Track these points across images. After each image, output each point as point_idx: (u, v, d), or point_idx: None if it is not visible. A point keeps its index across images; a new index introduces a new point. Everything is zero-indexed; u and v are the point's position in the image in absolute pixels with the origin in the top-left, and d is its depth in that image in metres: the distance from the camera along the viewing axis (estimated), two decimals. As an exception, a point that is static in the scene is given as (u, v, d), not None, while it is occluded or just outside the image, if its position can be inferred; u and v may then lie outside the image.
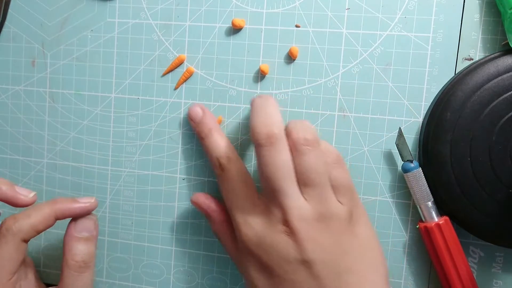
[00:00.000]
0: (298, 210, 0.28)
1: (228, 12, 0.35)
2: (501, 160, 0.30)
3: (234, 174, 0.31)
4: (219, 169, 0.32)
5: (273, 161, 0.28)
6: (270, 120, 0.29)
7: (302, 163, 0.29)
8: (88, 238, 0.33)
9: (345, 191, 0.30)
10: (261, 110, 0.30)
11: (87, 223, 0.33)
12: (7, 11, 0.38)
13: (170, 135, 0.37)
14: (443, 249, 0.31)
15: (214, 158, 0.32)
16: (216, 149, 0.32)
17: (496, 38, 0.32)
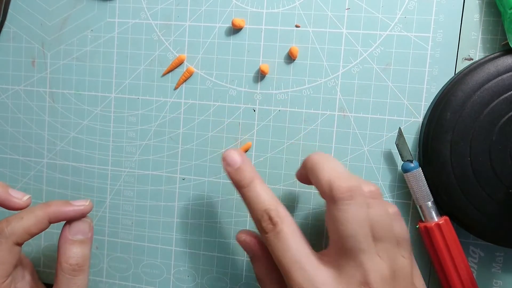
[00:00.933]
0: (378, 271, 0.26)
1: (228, 12, 0.35)
2: (501, 160, 0.30)
3: (289, 230, 0.28)
4: (269, 224, 0.28)
5: (355, 216, 0.26)
6: (345, 173, 0.27)
7: (374, 217, 0.26)
8: (83, 241, 0.33)
9: (406, 245, 0.28)
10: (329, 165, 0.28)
11: (81, 225, 0.33)
12: (7, 11, 0.38)
13: (170, 135, 0.37)
14: (443, 249, 0.31)
15: (261, 211, 0.28)
16: (264, 201, 0.29)
17: (496, 38, 0.32)
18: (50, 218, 0.32)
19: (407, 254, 0.28)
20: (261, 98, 0.35)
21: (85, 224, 0.33)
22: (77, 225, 0.33)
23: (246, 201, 0.30)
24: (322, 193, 0.28)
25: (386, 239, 0.27)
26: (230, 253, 0.37)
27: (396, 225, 0.28)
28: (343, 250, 0.26)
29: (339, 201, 0.26)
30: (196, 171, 0.36)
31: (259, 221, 0.29)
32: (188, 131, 0.36)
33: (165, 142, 0.37)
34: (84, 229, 0.33)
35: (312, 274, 0.26)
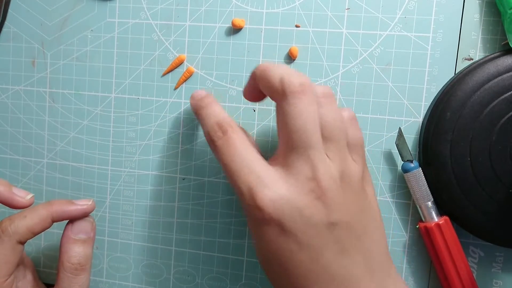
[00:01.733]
0: (326, 167, 0.26)
1: (228, 12, 0.35)
2: (501, 160, 0.30)
3: (238, 136, 0.28)
4: (219, 132, 0.28)
5: (305, 112, 0.25)
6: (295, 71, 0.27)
7: (324, 116, 0.26)
8: (85, 240, 0.33)
9: (358, 149, 0.28)
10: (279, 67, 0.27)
11: (84, 225, 0.33)
12: (7, 11, 0.38)
13: (170, 135, 0.37)
14: (443, 249, 0.31)
15: (213, 123, 0.29)
16: (217, 115, 0.29)
17: (496, 38, 0.32)
18: (53, 217, 0.32)
19: (359, 159, 0.28)
20: (261, 98, 0.35)
21: (87, 223, 0.33)
22: (80, 225, 0.33)
23: (201, 119, 0.30)
24: (273, 92, 0.27)
25: (336, 139, 0.26)
26: (230, 253, 0.37)
27: (351, 129, 0.28)
28: (291, 147, 0.26)
29: (290, 95, 0.26)
30: (196, 171, 0.36)
31: (210, 132, 0.29)
32: (188, 131, 0.36)
33: (165, 142, 0.37)
34: (87, 229, 0.33)
35: (261, 174, 0.26)
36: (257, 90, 0.30)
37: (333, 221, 0.26)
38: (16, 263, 0.31)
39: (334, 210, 0.26)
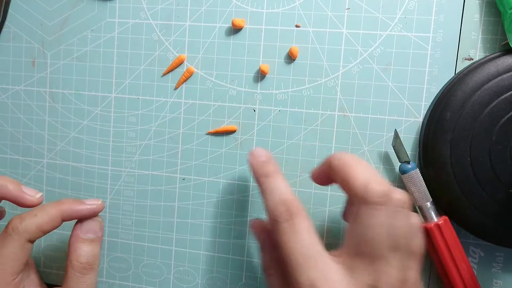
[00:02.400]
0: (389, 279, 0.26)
1: (228, 12, 0.35)
2: (501, 160, 0.30)
3: (305, 224, 0.27)
4: (286, 215, 0.27)
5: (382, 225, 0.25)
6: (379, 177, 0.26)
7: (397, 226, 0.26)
8: (93, 239, 0.33)
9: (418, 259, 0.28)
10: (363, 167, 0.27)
11: (93, 224, 0.33)
12: (7, 11, 0.38)
13: (170, 135, 0.37)
14: (444, 249, 0.31)
15: (280, 201, 0.28)
16: (284, 193, 0.28)
17: (496, 38, 0.32)
18: (63, 216, 0.32)
19: (417, 267, 0.28)
20: (261, 98, 0.35)
21: (96, 223, 0.34)
22: (89, 224, 0.33)
23: (264, 190, 0.29)
24: (352, 193, 0.27)
25: (403, 250, 0.26)
26: (230, 253, 0.37)
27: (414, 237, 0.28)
28: (360, 253, 0.26)
29: (372, 205, 0.26)
30: (196, 171, 0.36)
31: (275, 210, 0.28)
32: (188, 131, 0.36)
33: (165, 142, 0.37)
34: (95, 228, 0.33)
35: (325, 271, 0.26)
36: (329, 178, 0.29)
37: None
38: (25, 261, 0.31)
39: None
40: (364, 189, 0.26)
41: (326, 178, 0.30)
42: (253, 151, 0.31)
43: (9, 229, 0.31)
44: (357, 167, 0.27)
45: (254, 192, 0.36)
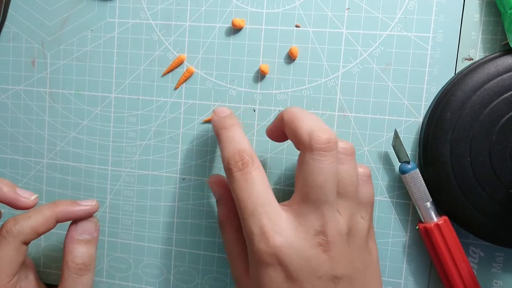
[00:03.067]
0: (336, 223, 0.27)
1: (228, 12, 0.35)
2: (501, 160, 0.30)
3: (258, 174, 0.28)
4: (239, 164, 0.28)
5: (327, 169, 0.26)
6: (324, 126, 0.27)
7: (342, 173, 0.27)
8: (89, 240, 0.33)
9: (368, 208, 0.30)
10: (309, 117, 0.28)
11: (88, 225, 0.33)
12: (7, 11, 0.38)
13: (170, 135, 0.37)
14: (443, 249, 0.31)
15: (234, 151, 0.29)
16: (239, 142, 0.29)
17: (496, 38, 0.32)
18: (57, 218, 0.32)
19: (367, 216, 0.29)
20: (261, 98, 0.35)
21: (91, 224, 0.33)
22: (84, 225, 0.33)
23: (221, 141, 0.30)
24: (299, 142, 0.27)
25: (349, 197, 0.28)
26: (230, 253, 0.37)
27: (364, 188, 0.29)
28: (307, 199, 0.27)
29: (316, 151, 0.26)
30: (196, 171, 0.36)
31: (230, 160, 0.29)
32: (188, 131, 0.36)
33: (165, 142, 0.37)
34: (91, 229, 0.33)
35: (274, 218, 0.27)
36: (282, 132, 0.30)
37: (337, 275, 0.27)
38: (20, 263, 0.31)
39: (339, 265, 0.27)
40: (308, 137, 0.27)
41: (280, 133, 0.30)
42: (216, 108, 0.32)
43: (3, 231, 0.31)
44: (303, 117, 0.28)
45: (254, 192, 0.36)
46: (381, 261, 0.34)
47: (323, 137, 0.26)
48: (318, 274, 0.26)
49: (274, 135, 0.32)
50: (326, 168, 0.26)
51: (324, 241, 0.26)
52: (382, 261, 0.34)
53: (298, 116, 0.28)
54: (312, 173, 0.26)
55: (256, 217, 0.27)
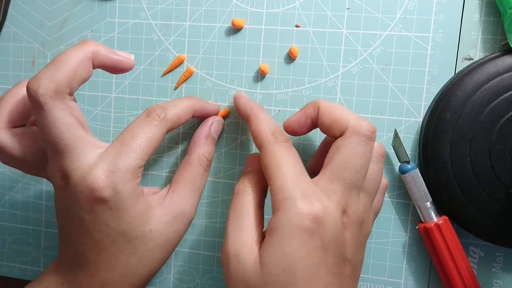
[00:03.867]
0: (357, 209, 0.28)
1: (228, 12, 0.35)
2: (501, 160, 0.30)
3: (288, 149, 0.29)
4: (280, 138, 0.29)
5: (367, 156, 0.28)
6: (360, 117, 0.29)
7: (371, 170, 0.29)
8: (216, 140, 0.34)
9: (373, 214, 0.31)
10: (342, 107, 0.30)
11: (220, 127, 0.35)
12: (7, 11, 0.38)
13: (170, 135, 0.37)
14: (443, 249, 0.31)
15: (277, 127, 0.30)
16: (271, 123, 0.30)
17: (496, 38, 0.32)
18: (195, 110, 0.33)
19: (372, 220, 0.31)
20: (261, 98, 0.35)
21: (221, 126, 0.35)
22: (217, 125, 0.34)
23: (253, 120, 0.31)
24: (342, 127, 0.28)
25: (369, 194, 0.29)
26: (230, 253, 0.36)
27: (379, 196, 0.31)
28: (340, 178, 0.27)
29: (362, 137, 0.27)
30: (196, 171, 0.36)
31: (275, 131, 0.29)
32: (188, 131, 0.36)
33: (165, 142, 0.37)
34: (220, 130, 0.35)
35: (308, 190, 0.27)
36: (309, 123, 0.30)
37: (347, 257, 0.27)
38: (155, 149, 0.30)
39: (350, 248, 0.27)
40: (357, 121, 0.28)
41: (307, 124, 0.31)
42: (238, 94, 0.34)
43: (152, 114, 0.30)
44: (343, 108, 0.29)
45: (254, 192, 0.36)
46: (381, 261, 0.34)
47: (371, 125, 0.28)
48: (339, 249, 0.27)
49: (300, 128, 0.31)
50: (366, 155, 0.28)
51: (347, 221, 0.27)
52: (382, 261, 0.34)
53: (339, 106, 0.30)
54: (353, 155, 0.27)
55: (299, 182, 0.27)
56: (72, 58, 0.28)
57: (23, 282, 0.40)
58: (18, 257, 0.40)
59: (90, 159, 0.28)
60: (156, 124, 0.29)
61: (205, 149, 0.33)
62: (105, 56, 0.29)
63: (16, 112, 0.31)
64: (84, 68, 0.28)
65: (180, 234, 0.31)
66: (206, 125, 0.34)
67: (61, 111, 0.27)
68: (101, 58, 0.29)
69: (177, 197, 0.31)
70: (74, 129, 0.28)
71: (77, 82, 0.28)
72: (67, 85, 0.28)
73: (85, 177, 0.27)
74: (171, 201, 0.31)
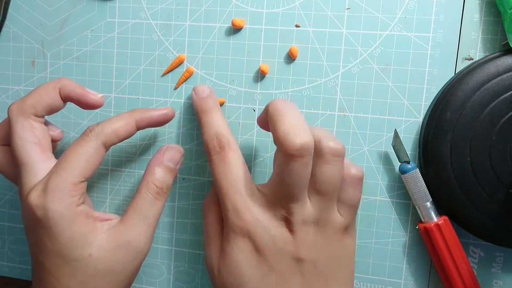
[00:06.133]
0: (302, 215, 0.28)
1: (228, 12, 0.35)
2: (501, 160, 0.30)
3: (234, 156, 0.30)
4: (217, 148, 0.30)
5: (298, 173, 0.27)
6: (302, 128, 0.27)
7: (322, 172, 0.28)
8: (172, 169, 0.33)
9: (350, 209, 0.30)
10: (288, 116, 0.27)
11: (176, 155, 0.33)
12: (7, 11, 0.38)
13: (170, 135, 0.37)
14: (443, 249, 0.31)
15: (213, 135, 0.31)
16: (218, 126, 0.31)
17: (496, 38, 0.32)
18: (137, 121, 0.32)
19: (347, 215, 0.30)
20: (261, 98, 0.35)
21: (179, 154, 0.34)
22: (172, 153, 0.33)
23: (202, 125, 0.32)
24: (275, 141, 0.28)
25: (326, 194, 0.28)
26: (230, 253, 0.36)
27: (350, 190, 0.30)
28: (278, 191, 0.28)
29: (288, 157, 0.27)
30: (196, 171, 0.36)
31: (209, 143, 0.31)
32: (188, 131, 0.36)
33: (165, 142, 0.37)
34: (177, 159, 0.33)
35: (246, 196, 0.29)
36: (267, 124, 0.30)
37: (301, 257, 0.29)
38: (96, 166, 0.31)
39: (303, 248, 0.29)
40: (283, 138, 0.27)
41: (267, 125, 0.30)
42: (196, 87, 0.34)
43: (86, 131, 0.31)
44: (284, 114, 0.28)
45: (254, 192, 0.36)
46: (381, 261, 0.34)
47: (297, 143, 0.26)
48: (282, 252, 0.28)
49: (263, 126, 0.32)
50: (296, 172, 0.27)
51: (290, 226, 0.29)
52: (382, 261, 0.34)
53: (279, 112, 0.28)
54: (282, 173, 0.27)
55: (231, 195, 0.29)
56: (41, 88, 0.32)
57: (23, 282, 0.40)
58: (18, 257, 0.40)
59: (37, 179, 0.30)
60: (88, 140, 0.30)
61: (155, 177, 0.32)
62: (71, 90, 0.32)
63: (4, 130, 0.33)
64: (49, 96, 0.31)
65: (125, 264, 0.30)
66: (158, 153, 0.33)
67: (21, 127, 0.31)
68: (67, 91, 0.32)
69: (123, 225, 0.31)
70: (29, 146, 0.31)
71: (42, 106, 0.31)
72: (31, 106, 0.31)
73: (27, 196, 0.29)
74: (117, 230, 0.30)
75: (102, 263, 0.29)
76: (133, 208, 0.31)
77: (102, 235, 0.30)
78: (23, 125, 0.31)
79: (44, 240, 0.29)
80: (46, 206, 0.28)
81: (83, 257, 0.29)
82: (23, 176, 0.30)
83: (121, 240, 0.30)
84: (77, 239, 0.29)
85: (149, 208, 0.31)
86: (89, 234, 0.29)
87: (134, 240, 0.30)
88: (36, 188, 0.29)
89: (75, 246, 0.29)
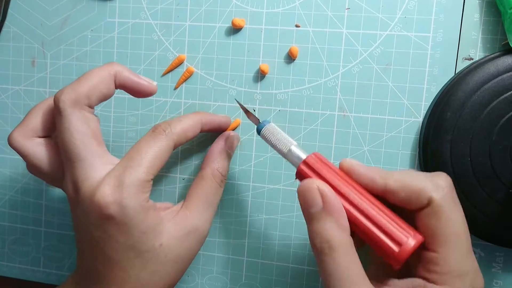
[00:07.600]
0: None
1: (228, 12, 0.35)
2: (501, 160, 0.30)
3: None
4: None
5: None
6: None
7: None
8: (230, 156, 0.34)
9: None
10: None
11: (235, 142, 0.35)
12: (7, 11, 0.38)
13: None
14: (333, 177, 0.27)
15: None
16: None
17: (496, 38, 0.32)
18: (202, 123, 0.32)
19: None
20: (261, 98, 0.35)
21: (236, 142, 0.35)
22: (233, 141, 0.34)
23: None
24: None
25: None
26: (230, 253, 0.37)
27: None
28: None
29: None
30: (196, 171, 0.36)
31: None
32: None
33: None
34: (234, 146, 0.35)
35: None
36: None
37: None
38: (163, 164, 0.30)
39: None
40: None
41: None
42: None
43: (158, 129, 0.30)
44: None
45: (254, 192, 0.36)
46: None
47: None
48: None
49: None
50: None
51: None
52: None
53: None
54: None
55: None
56: (94, 74, 0.29)
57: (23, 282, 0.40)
58: (18, 257, 0.40)
59: (99, 174, 0.28)
60: (162, 138, 0.29)
61: (219, 164, 0.33)
62: (126, 77, 0.30)
63: (42, 122, 0.31)
64: (105, 84, 0.29)
65: (192, 250, 0.31)
66: (220, 140, 0.34)
67: (77, 119, 0.28)
68: (123, 78, 0.30)
69: (190, 212, 0.31)
70: (87, 139, 0.28)
71: (97, 95, 0.29)
72: (86, 96, 0.28)
73: (92, 193, 0.27)
74: (184, 217, 0.30)
75: (172, 251, 0.30)
76: (200, 195, 0.32)
77: (169, 223, 0.30)
78: (78, 117, 0.28)
79: (115, 236, 0.28)
80: (122, 202, 0.27)
81: (155, 248, 0.29)
82: (79, 173, 0.28)
83: (190, 227, 0.30)
84: (149, 231, 0.29)
85: (214, 195, 0.32)
86: (159, 225, 0.29)
87: (201, 226, 0.31)
88: (108, 184, 0.27)
89: (147, 238, 0.29)
